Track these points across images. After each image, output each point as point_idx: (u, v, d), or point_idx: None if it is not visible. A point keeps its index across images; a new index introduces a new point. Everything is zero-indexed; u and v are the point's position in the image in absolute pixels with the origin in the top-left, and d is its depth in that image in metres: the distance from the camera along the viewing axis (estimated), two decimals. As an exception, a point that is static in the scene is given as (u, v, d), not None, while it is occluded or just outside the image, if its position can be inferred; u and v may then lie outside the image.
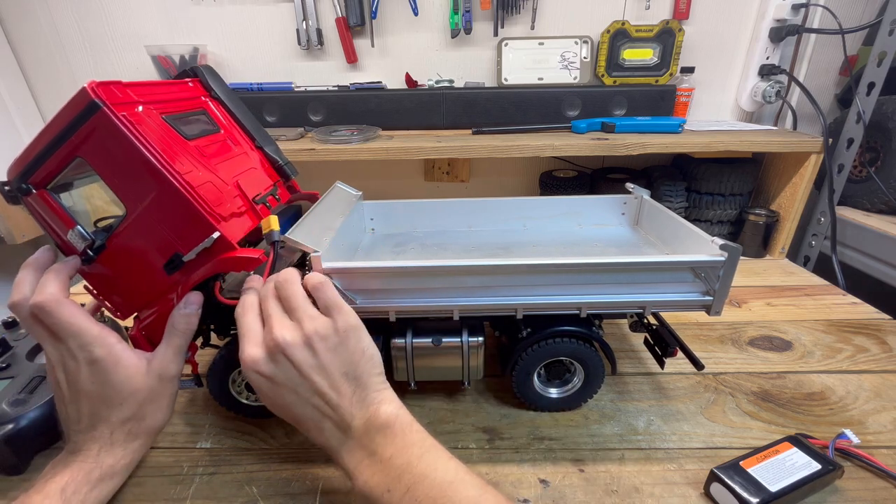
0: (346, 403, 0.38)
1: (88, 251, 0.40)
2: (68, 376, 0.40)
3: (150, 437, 0.44)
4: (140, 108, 0.39)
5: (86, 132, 0.36)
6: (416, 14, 1.01)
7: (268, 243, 0.44)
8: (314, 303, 0.40)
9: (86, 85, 0.35)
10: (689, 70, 1.02)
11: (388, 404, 0.39)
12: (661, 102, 1.00)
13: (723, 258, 0.45)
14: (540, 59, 1.02)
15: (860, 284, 0.89)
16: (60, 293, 0.39)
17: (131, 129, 0.36)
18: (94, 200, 0.46)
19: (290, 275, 0.41)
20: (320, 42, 1.03)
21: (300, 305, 0.39)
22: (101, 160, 0.37)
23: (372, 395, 0.39)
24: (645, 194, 0.66)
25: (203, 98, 0.49)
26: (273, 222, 0.44)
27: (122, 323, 0.49)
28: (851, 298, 0.80)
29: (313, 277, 0.41)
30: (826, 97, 1.09)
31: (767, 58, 1.01)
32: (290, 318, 0.39)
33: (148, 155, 0.37)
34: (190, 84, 0.49)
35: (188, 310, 0.42)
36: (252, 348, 0.38)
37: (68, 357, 0.40)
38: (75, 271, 0.42)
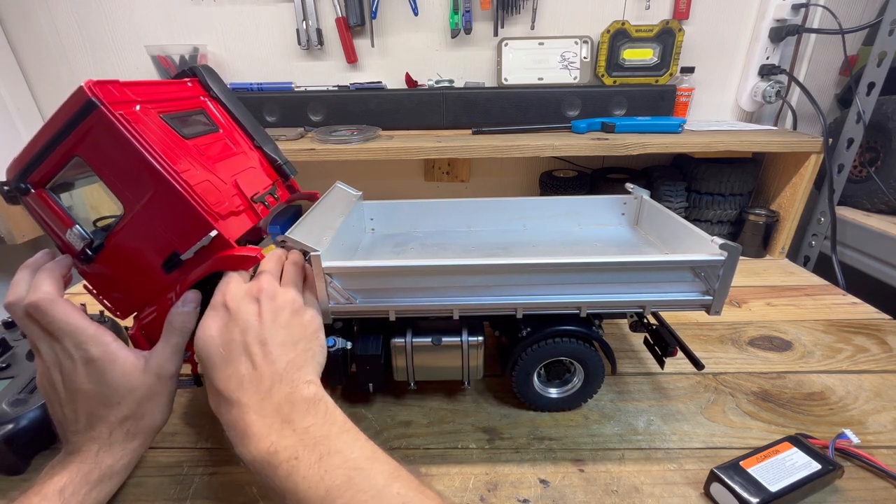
0: (282, 364, 0.38)
1: (87, 250, 0.40)
2: (64, 376, 0.40)
3: (150, 437, 0.44)
4: (138, 107, 0.39)
5: (83, 131, 0.36)
6: (416, 14, 1.01)
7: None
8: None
9: (83, 84, 0.35)
10: (689, 70, 1.02)
11: (317, 388, 0.39)
12: (661, 102, 1.00)
13: (723, 258, 0.45)
14: (540, 59, 1.02)
15: (860, 284, 0.89)
16: (54, 292, 0.39)
17: (128, 128, 0.36)
18: (93, 200, 0.46)
19: (298, 258, 0.46)
20: (320, 42, 1.03)
21: (293, 281, 0.43)
22: (99, 159, 0.37)
23: (306, 372, 0.39)
24: (645, 194, 0.66)
25: (202, 98, 0.49)
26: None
27: (121, 322, 0.49)
28: (851, 298, 0.80)
29: (309, 274, 0.46)
30: (826, 97, 1.09)
31: (767, 58, 1.01)
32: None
33: (145, 153, 0.36)
34: (189, 84, 0.49)
35: (186, 308, 0.42)
36: (237, 286, 0.40)
37: (64, 356, 0.39)
38: (69, 270, 0.42)
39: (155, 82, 0.44)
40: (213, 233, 0.39)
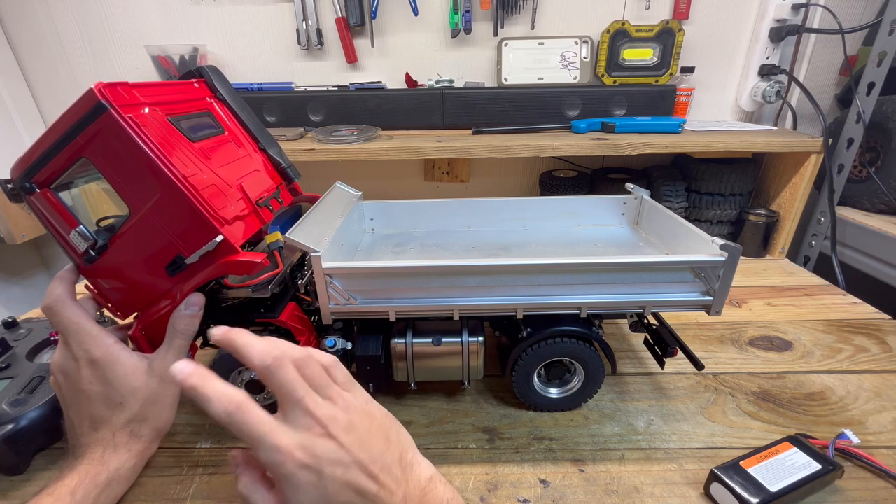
0: (400, 475, 0.33)
1: (90, 251, 0.40)
2: (68, 378, 0.41)
3: (154, 440, 0.44)
4: (146, 109, 0.39)
5: (91, 133, 0.36)
6: (416, 14, 1.01)
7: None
8: None
9: (93, 86, 0.35)
10: (689, 70, 1.02)
11: (429, 468, 0.35)
12: (661, 102, 1.00)
13: (723, 258, 0.45)
14: (540, 59, 1.02)
15: (860, 284, 0.89)
16: (65, 294, 0.40)
17: (137, 131, 0.36)
18: (93, 199, 0.46)
19: (319, 358, 0.35)
20: (320, 42, 1.03)
21: (328, 384, 0.34)
22: (106, 161, 0.37)
23: (421, 464, 0.35)
24: (645, 194, 0.66)
25: (208, 99, 0.49)
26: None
27: (121, 323, 0.49)
28: (851, 298, 0.80)
29: (324, 357, 0.36)
30: (826, 97, 1.09)
31: (767, 58, 1.01)
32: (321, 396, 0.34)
33: (153, 157, 0.37)
34: (195, 85, 0.49)
35: (189, 311, 0.42)
36: (285, 444, 0.31)
37: (69, 358, 0.40)
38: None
39: (162, 83, 0.44)
40: (219, 238, 0.39)
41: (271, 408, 0.50)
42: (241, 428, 0.30)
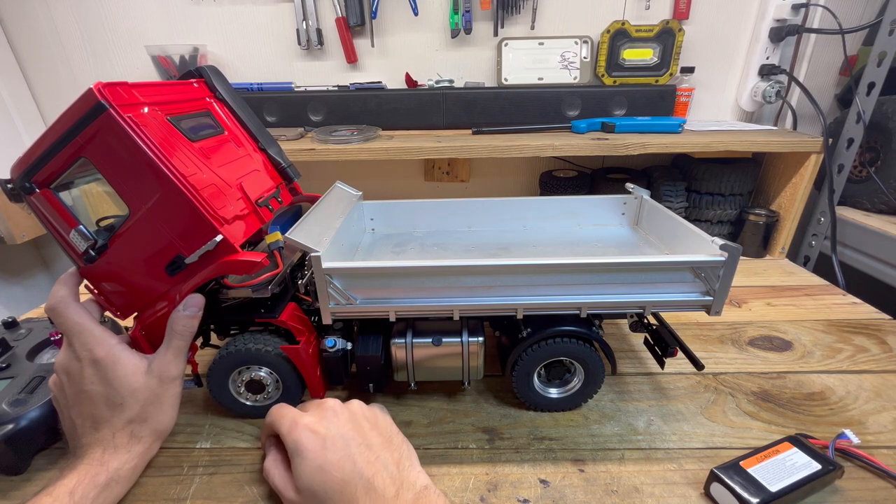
0: (394, 468, 0.39)
1: (90, 251, 0.40)
2: (71, 378, 0.41)
3: (156, 441, 0.44)
4: (146, 109, 0.39)
5: (91, 132, 0.36)
6: (416, 14, 1.01)
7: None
8: None
9: (92, 86, 0.35)
10: (689, 70, 1.02)
11: (425, 478, 0.39)
12: (661, 102, 1.00)
13: (723, 258, 0.45)
14: (540, 59, 1.02)
15: (860, 284, 0.89)
16: (69, 296, 0.41)
17: (136, 131, 0.36)
18: (93, 199, 0.46)
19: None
20: (320, 42, 1.03)
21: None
22: (106, 161, 0.37)
23: (416, 469, 0.40)
24: (645, 194, 0.66)
25: (208, 99, 0.49)
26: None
27: (122, 323, 0.49)
28: (851, 298, 0.80)
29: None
30: (826, 97, 1.09)
31: (767, 58, 1.01)
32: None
33: (153, 157, 0.37)
34: (195, 84, 0.49)
35: (188, 312, 0.42)
36: (302, 416, 0.42)
37: (73, 358, 0.41)
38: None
39: (162, 83, 0.44)
40: (219, 238, 0.39)
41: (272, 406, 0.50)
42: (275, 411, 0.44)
